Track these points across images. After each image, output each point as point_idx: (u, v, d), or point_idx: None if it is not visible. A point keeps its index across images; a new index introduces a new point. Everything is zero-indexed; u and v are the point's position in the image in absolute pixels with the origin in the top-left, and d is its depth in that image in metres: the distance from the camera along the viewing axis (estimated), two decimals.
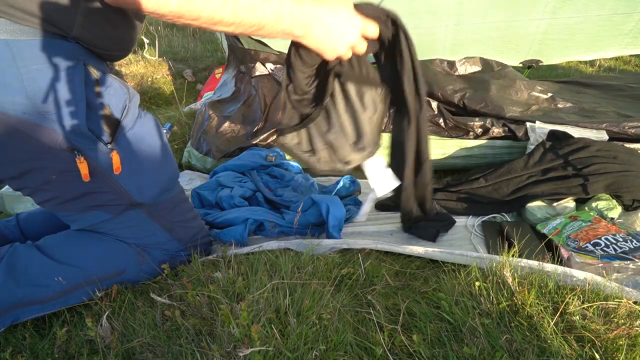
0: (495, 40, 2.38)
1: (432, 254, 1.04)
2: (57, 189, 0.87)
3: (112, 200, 0.91)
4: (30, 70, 0.76)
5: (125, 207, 0.93)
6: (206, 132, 1.87)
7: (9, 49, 0.75)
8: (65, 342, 0.86)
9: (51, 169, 0.84)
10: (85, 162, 0.83)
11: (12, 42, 0.75)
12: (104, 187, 0.89)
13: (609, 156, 1.29)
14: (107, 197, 0.90)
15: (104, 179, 0.88)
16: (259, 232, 1.27)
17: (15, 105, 0.76)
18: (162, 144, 0.95)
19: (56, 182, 0.86)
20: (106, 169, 0.87)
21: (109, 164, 0.85)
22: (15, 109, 0.76)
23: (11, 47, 0.75)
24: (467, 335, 0.76)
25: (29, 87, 0.76)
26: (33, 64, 0.76)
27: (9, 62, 0.74)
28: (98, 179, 0.87)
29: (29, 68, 0.76)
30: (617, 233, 1.05)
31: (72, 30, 0.80)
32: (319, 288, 0.87)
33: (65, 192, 0.88)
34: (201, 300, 0.84)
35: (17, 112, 0.76)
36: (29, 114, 0.77)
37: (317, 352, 0.72)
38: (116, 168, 0.85)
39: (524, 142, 1.57)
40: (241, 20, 0.78)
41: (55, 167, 0.84)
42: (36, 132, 0.79)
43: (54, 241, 0.98)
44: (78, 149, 0.83)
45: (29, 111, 0.77)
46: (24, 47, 0.76)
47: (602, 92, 1.92)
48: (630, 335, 0.71)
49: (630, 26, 2.12)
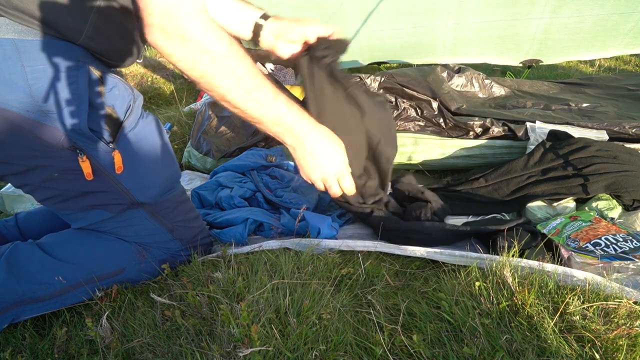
0: (495, 40, 2.38)
1: (434, 255, 1.04)
2: (59, 187, 0.88)
3: (114, 200, 0.91)
4: (36, 70, 0.77)
5: (127, 206, 0.93)
6: (206, 132, 1.87)
7: (15, 47, 0.75)
8: (65, 342, 0.86)
9: (53, 167, 0.84)
10: (88, 161, 0.84)
11: (19, 42, 0.76)
12: (105, 186, 0.89)
13: (609, 156, 1.29)
14: (108, 196, 0.91)
15: (106, 178, 0.88)
16: (258, 232, 1.27)
17: (18, 103, 0.77)
18: (164, 144, 0.96)
19: (58, 180, 0.86)
20: (108, 168, 0.87)
21: (111, 163, 0.86)
22: (18, 106, 0.77)
23: (18, 46, 0.76)
24: (467, 335, 0.76)
25: (33, 86, 0.77)
26: (39, 63, 0.77)
27: (14, 61, 0.75)
28: (100, 178, 0.88)
29: (35, 67, 0.77)
30: (617, 233, 1.05)
31: (78, 40, 0.81)
32: (319, 288, 0.87)
33: (67, 190, 0.89)
34: (201, 300, 0.84)
35: (20, 110, 0.77)
36: (32, 112, 0.78)
37: (317, 352, 0.72)
38: (118, 167, 0.86)
39: (524, 142, 1.56)
40: (246, 110, 0.86)
41: (57, 165, 0.84)
42: (39, 130, 0.80)
43: (54, 239, 0.98)
44: (80, 148, 0.83)
45: (32, 109, 0.78)
46: (30, 47, 0.77)
47: (602, 92, 1.92)
48: (631, 335, 0.71)
49: (630, 26, 2.11)
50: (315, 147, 0.95)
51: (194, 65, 0.80)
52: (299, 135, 0.93)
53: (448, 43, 2.42)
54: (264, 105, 0.88)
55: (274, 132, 0.92)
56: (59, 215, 0.99)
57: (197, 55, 0.79)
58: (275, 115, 0.89)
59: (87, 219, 0.95)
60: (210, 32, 0.80)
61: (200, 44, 0.78)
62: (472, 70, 1.89)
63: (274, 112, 0.89)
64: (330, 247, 1.08)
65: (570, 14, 2.14)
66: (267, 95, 0.88)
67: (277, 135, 0.93)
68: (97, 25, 0.82)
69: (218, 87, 0.83)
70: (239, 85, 0.85)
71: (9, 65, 0.75)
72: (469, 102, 1.79)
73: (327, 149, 0.96)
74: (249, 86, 0.86)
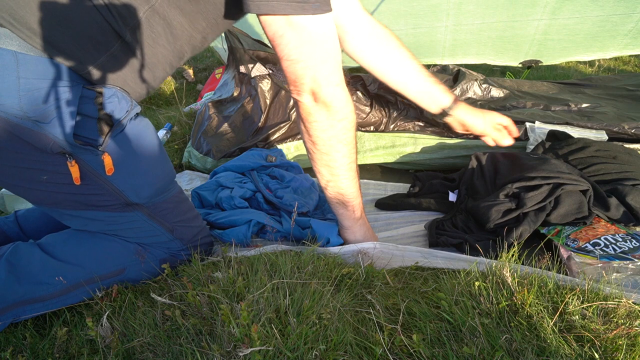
0: (495, 40, 2.38)
1: (435, 263, 1.05)
2: (49, 189, 0.88)
3: (106, 201, 0.91)
4: (29, 82, 0.77)
5: (121, 207, 0.93)
6: (206, 132, 1.87)
7: (15, 59, 0.76)
8: (66, 342, 0.86)
9: (42, 170, 0.85)
10: (77, 166, 0.84)
11: (20, 55, 0.77)
12: (96, 189, 0.89)
13: (608, 156, 1.29)
14: (100, 198, 0.91)
15: (97, 181, 0.88)
16: (261, 234, 1.27)
17: (7, 109, 0.77)
18: (155, 145, 0.95)
19: (47, 183, 0.86)
20: (99, 171, 0.87)
21: (102, 166, 0.86)
22: (6, 112, 0.77)
23: (18, 58, 0.77)
24: (467, 335, 0.76)
25: (23, 98, 0.77)
26: (34, 76, 0.78)
27: (11, 70, 0.76)
28: (91, 181, 0.88)
29: (29, 80, 0.77)
30: (616, 233, 1.05)
31: (80, 72, 0.83)
32: (319, 288, 0.87)
33: (57, 192, 0.89)
34: (201, 300, 0.84)
35: (9, 116, 0.78)
36: (21, 119, 0.78)
37: (317, 352, 0.72)
38: (108, 169, 0.86)
39: (523, 142, 1.57)
40: (342, 180, 1.04)
41: (46, 169, 0.85)
42: (27, 135, 0.80)
43: (55, 240, 0.98)
44: (69, 153, 0.83)
45: (21, 116, 0.78)
46: (30, 62, 0.77)
47: (602, 92, 1.92)
48: (630, 335, 0.71)
49: (630, 27, 2.12)
50: (356, 238, 1.14)
51: (328, 128, 0.94)
52: (355, 226, 1.12)
53: (448, 44, 2.43)
54: (355, 180, 1.05)
55: (342, 212, 1.10)
56: (54, 217, 0.99)
57: (335, 121, 0.93)
58: (357, 193, 1.07)
59: (81, 220, 0.95)
60: (350, 103, 0.95)
61: (341, 112, 0.93)
62: (469, 74, 1.89)
63: (357, 187, 1.07)
64: (333, 253, 1.08)
65: (569, 15, 2.14)
66: (356, 168, 1.05)
67: (341, 215, 1.10)
68: (104, 65, 0.85)
69: (337, 151, 0.98)
70: (350, 154, 1.00)
71: (3, 74, 0.76)
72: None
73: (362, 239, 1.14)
74: (353, 157, 1.02)
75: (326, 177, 1.04)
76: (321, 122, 0.93)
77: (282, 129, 1.74)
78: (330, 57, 0.88)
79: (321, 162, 1.01)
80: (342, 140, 0.97)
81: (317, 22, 0.83)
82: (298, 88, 0.90)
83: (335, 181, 1.03)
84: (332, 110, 0.92)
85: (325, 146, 0.97)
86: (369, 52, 1.25)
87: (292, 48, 0.85)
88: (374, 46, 1.24)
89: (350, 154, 1.01)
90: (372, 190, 1.57)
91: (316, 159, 1.02)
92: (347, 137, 0.97)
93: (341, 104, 0.92)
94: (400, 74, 1.29)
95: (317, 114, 0.93)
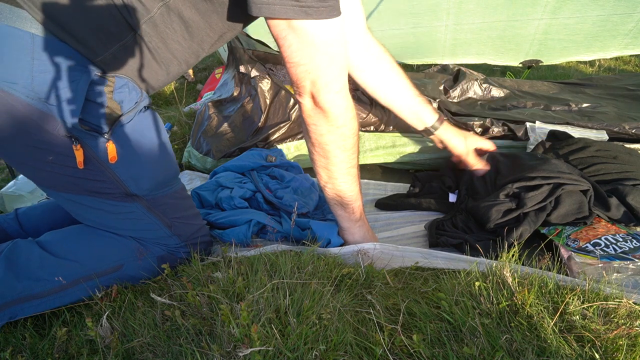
0: (495, 40, 2.38)
1: (435, 263, 1.05)
2: (54, 170, 0.89)
3: (107, 189, 0.93)
4: (43, 64, 0.80)
5: (121, 196, 0.94)
6: (206, 132, 1.87)
7: (32, 40, 0.79)
8: (65, 342, 0.86)
9: (49, 150, 0.86)
10: (82, 150, 0.86)
11: (37, 37, 0.79)
12: (98, 175, 0.91)
13: (609, 156, 1.29)
14: (102, 185, 0.92)
15: (100, 167, 0.90)
16: (261, 234, 1.27)
17: (19, 88, 0.80)
18: (160, 138, 0.97)
19: (53, 164, 0.88)
20: (102, 158, 0.88)
21: (105, 153, 0.87)
22: (19, 90, 0.80)
23: (35, 40, 0.79)
24: (467, 335, 0.76)
25: (36, 79, 0.80)
26: (47, 59, 0.80)
27: (27, 52, 0.79)
28: (94, 167, 0.89)
29: (43, 61, 0.80)
30: (617, 233, 1.05)
31: (93, 59, 0.85)
32: (319, 288, 0.87)
33: (61, 174, 0.90)
34: (201, 300, 0.84)
35: (21, 95, 0.80)
36: (32, 99, 0.81)
37: (317, 352, 0.72)
38: (112, 157, 0.88)
39: (523, 142, 1.56)
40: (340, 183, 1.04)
41: (53, 150, 0.86)
42: (37, 115, 0.82)
43: (53, 237, 0.99)
44: (76, 137, 0.85)
45: (32, 97, 0.81)
46: (45, 44, 0.80)
47: (602, 92, 1.92)
48: (630, 335, 0.71)
49: (630, 26, 2.11)
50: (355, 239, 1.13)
51: (326, 132, 0.94)
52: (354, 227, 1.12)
53: (448, 43, 2.43)
54: (354, 183, 1.05)
55: (339, 214, 1.10)
56: (58, 202, 1.00)
57: (334, 127, 0.93)
58: (356, 195, 1.07)
59: (82, 208, 0.96)
60: (350, 110, 0.95)
61: (340, 118, 0.93)
62: (469, 74, 1.89)
63: (356, 190, 1.07)
64: (333, 253, 1.08)
65: (570, 15, 2.14)
66: (357, 172, 1.06)
67: (339, 216, 1.11)
68: (116, 55, 0.86)
69: (335, 156, 0.98)
70: (349, 159, 1.00)
71: (20, 55, 0.79)
72: (468, 107, 1.79)
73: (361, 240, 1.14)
74: (353, 162, 1.02)
75: (324, 178, 1.04)
76: (320, 126, 0.94)
77: (282, 129, 1.74)
78: (334, 63, 0.87)
79: (320, 163, 1.02)
80: (340, 146, 0.97)
81: (321, 27, 0.82)
82: (299, 90, 0.91)
83: (334, 184, 1.04)
84: (330, 116, 0.91)
85: (323, 150, 0.98)
86: (363, 68, 1.26)
87: (293, 51, 0.85)
88: (369, 63, 1.25)
89: (350, 160, 1.00)
90: (372, 190, 1.57)
91: (315, 160, 1.02)
92: (346, 144, 0.97)
93: (339, 111, 0.92)
94: (391, 92, 1.31)
95: (316, 118, 0.93)
